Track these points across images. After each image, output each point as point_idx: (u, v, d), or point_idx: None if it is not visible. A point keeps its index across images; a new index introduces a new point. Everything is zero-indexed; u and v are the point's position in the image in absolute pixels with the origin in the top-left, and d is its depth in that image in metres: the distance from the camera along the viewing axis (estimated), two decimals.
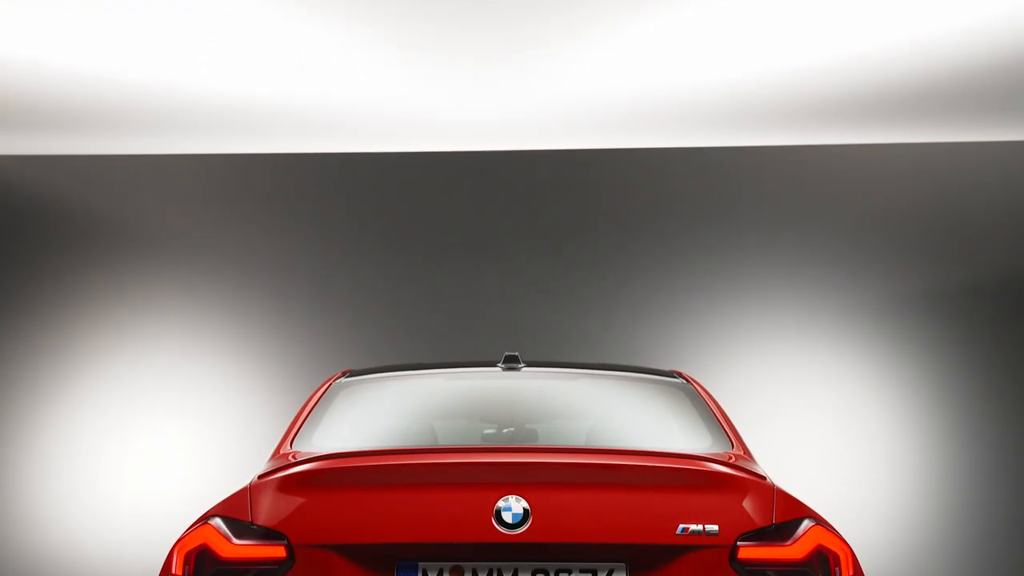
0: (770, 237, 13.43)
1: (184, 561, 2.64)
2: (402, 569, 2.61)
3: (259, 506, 2.69)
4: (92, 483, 12.33)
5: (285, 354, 12.92)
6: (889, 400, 12.92)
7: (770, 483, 2.83)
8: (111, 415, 12.68)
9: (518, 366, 3.89)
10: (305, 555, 2.60)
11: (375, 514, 2.62)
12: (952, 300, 13.07)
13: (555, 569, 2.62)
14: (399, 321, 13.14)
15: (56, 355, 12.85)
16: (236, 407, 12.84)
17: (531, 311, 13.13)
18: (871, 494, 12.53)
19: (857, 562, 2.73)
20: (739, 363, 13.00)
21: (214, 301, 13.20)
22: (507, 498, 2.61)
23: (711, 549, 2.61)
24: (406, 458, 2.81)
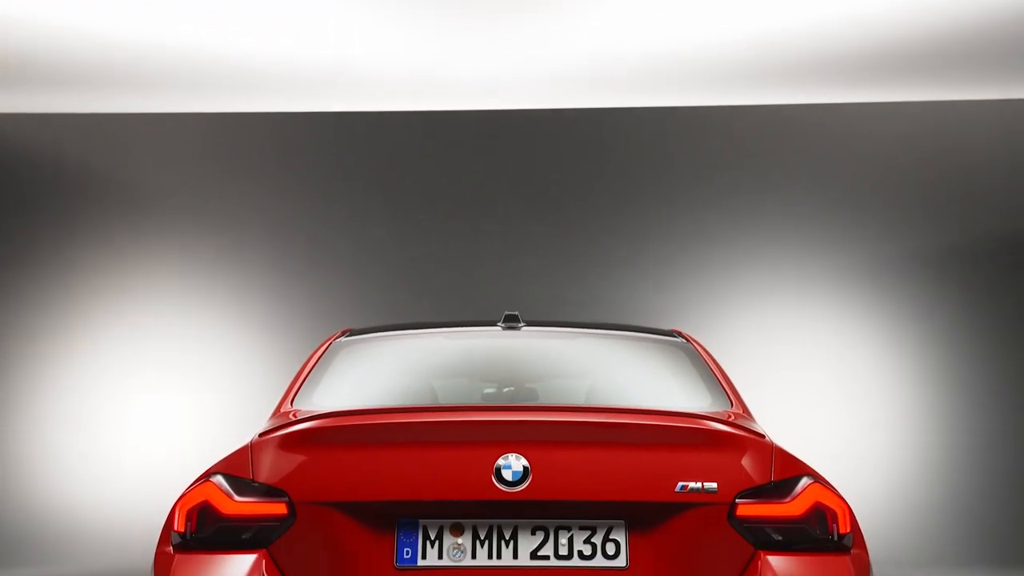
0: (769, 197, 13.40)
1: (186, 518, 2.66)
2: (403, 526, 2.63)
3: (260, 464, 2.70)
4: (93, 442, 12.40)
5: (285, 314, 12.94)
6: (887, 359, 12.96)
7: (769, 441, 2.84)
8: (111, 375, 12.72)
9: (518, 325, 3.90)
10: (306, 512, 2.61)
11: (376, 472, 2.63)
12: (951, 259, 13.08)
13: (555, 526, 2.64)
14: (399, 281, 13.15)
15: (55, 316, 12.87)
16: (236, 366, 12.88)
17: (531, 271, 13.13)
18: (869, 452, 12.60)
19: (855, 519, 2.75)
20: (738, 322, 13.02)
21: (214, 261, 13.20)
22: (507, 456, 2.62)
23: (710, 507, 2.63)
24: (407, 416, 2.82)
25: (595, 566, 2.60)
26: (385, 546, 2.61)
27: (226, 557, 2.60)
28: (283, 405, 3.36)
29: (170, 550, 2.67)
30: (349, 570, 2.59)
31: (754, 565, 2.60)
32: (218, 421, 12.40)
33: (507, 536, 2.62)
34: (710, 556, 2.60)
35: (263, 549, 2.60)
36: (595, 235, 13.31)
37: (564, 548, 2.62)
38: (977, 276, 12.96)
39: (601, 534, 2.63)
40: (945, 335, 12.96)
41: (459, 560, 2.60)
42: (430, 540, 2.62)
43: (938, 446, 12.72)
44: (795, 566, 2.59)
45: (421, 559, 2.60)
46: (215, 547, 2.62)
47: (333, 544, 2.60)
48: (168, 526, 2.73)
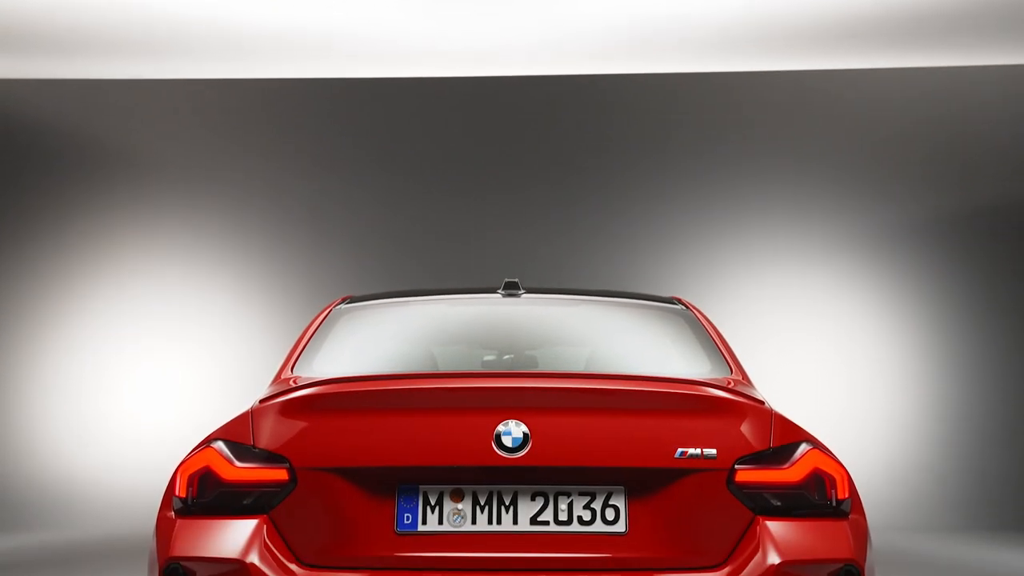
0: (770, 163, 13.37)
1: (187, 483, 2.67)
2: (403, 492, 2.64)
3: (261, 430, 2.71)
4: (94, 408, 12.44)
5: (285, 281, 12.95)
6: (887, 325, 12.98)
7: (768, 407, 2.85)
8: (112, 342, 12.74)
9: (518, 292, 3.89)
10: (307, 478, 2.62)
11: (376, 438, 2.64)
12: (951, 225, 13.06)
13: (554, 492, 2.65)
14: (399, 248, 13.15)
15: (56, 283, 12.88)
16: (236, 333, 12.90)
17: (531, 238, 13.12)
18: (868, 419, 12.65)
19: (853, 484, 2.76)
20: (738, 289, 13.03)
21: (214, 227, 13.19)
22: (507, 422, 2.62)
23: (709, 472, 2.63)
24: (407, 383, 2.82)
25: (594, 531, 2.62)
26: (386, 512, 2.62)
27: (227, 522, 2.61)
28: (283, 372, 3.36)
29: (172, 515, 2.68)
30: (350, 535, 2.60)
31: (753, 530, 2.61)
32: (218, 388, 12.43)
33: (507, 502, 2.63)
34: (709, 521, 2.61)
35: (264, 514, 2.61)
36: (595, 203, 13.29)
37: (564, 514, 2.63)
38: (977, 243, 12.95)
39: (600, 500, 2.64)
40: (945, 302, 12.98)
41: (459, 525, 2.62)
42: (430, 506, 2.63)
43: (936, 413, 12.77)
44: (794, 531, 2.60)
45: (421, 524, 2.62)
46: (216, 512, 2.63)
47: (334, 509, 2.61)
48: (170, 491, 2.74)
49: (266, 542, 2.57)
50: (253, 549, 2.55)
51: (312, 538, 2.60)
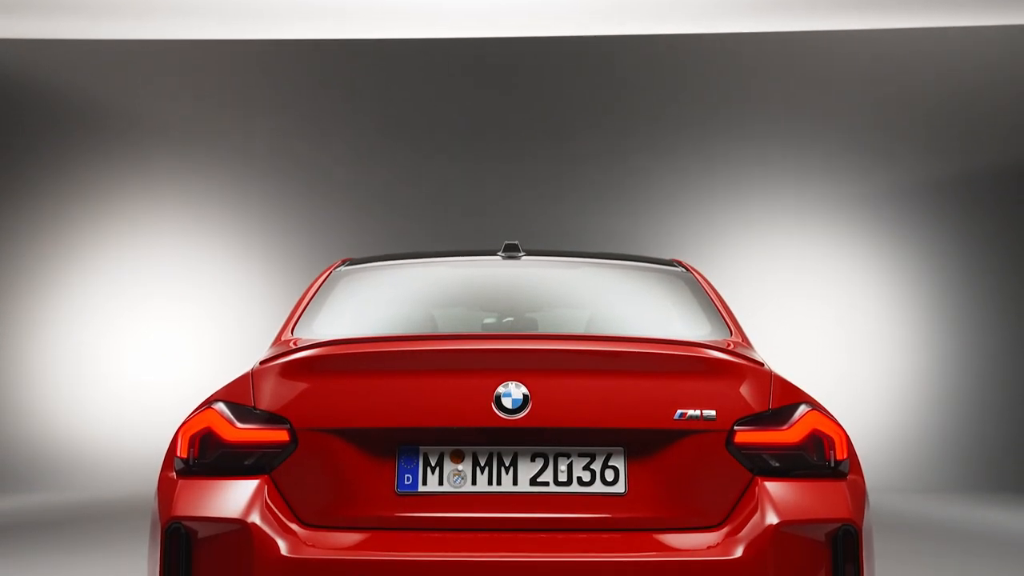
0: (770, 126, 13.31)
1: (189, 444, 2.68)
2: (403, 453, 2.65)
3: (261, 391, 2.71)
4: (95, 370, 12.47)
5: (284, 243, 12.94)
6: (886, 289, 12.99)
7: (767, 369, 2.85)
8: (112, 304, 12.75)
9: (518, 255, 3.88)
10: (308, 439, 2.63)
11: (377, 399, 2.65)
12: (951, 189, 13.03)
13: (554, 453, 2.66)
14: (398, 211, 13.13)
15: (56, 245, 12.86)
16: (236, 295, 12.91)
17: (531, 202, 13.10)
18: (867, 380, 12.69)
19: (851, 446, 2.77)
20: (738, 252, 13.02)
21: (214, 190, 13.16)
22: (507, 384, 2.63)
23: (708, 434, 2.64)
24: (407, 344, 2.82)
25: (594, 492, 2.63)
26: (386, 472, 2.63)
27: (228, 482, 2.62)
28: (283, 333, 3.36)
29: (173, 475, 2.69)
30: (351, 496, 2.61)
31: (751, 491, 2.62)
32: (218, 349, 12.47)
33: (507, 463, 2.65)
34: (708, 482, 2.63)
35: (265, 475, 2.63)
36: (595, 166, 13.26)
37: (563, 475, 2.64)
38: (977, 204, 12.94)
39: (600, 461, 2.65)
40: (944, 265, 12.98)
41: (459, 486, 2.63)
42: (431, 467, 2.64)
43: (935, 375, 12.81)
44: (792, 492, 2.62)
45: (422, 485, 2.63)
46: (218, 473, 2.64)
47: (335, 470, 2.62)
48: (171, 452, 2.75)
49: (267, 502, 2.58)
50: (254, 509, 2.56)
51: (313, 498, 2.61)
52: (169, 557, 2.58)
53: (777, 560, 2.52)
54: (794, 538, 2.56)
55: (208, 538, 2.57)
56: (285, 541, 2.53)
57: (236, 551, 2.52)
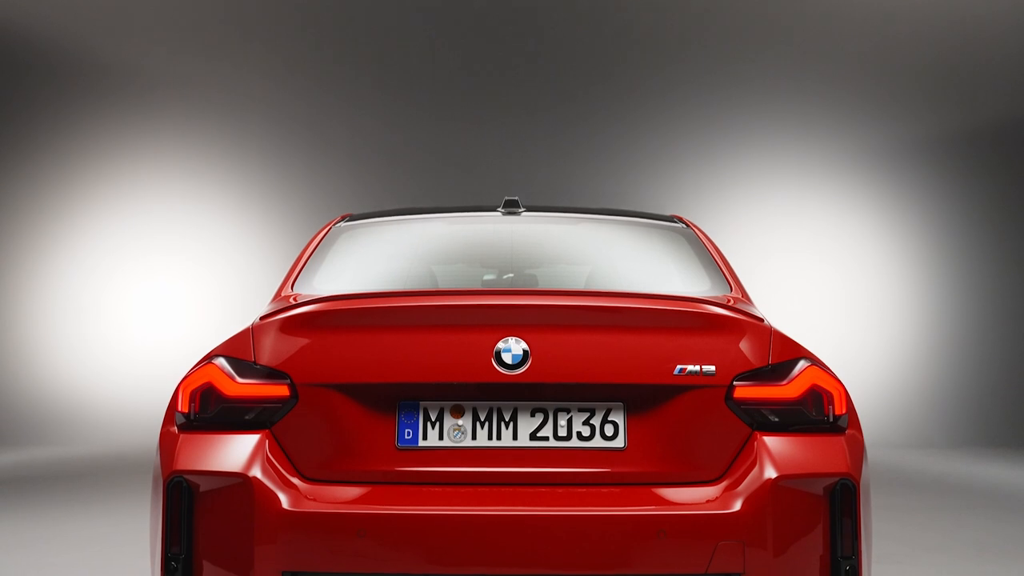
0: (771, 82, 13.22)
1: (189, 399, 2.68)
2: (404, 408, 2.66)
3: (262, 346, 2.71)
4: (96, 326, 12.48)
5: (285, 199, 12.90)
6: (886, 245, 12.97)
7: (767, 325, 2.85)
8: (112, 260, 12.74)
9: (518, 210, 3.87)
10: (308, 394, 2.64)
11: (377, 355, 2.65)
12: (954, 144, 12.98)
13: (554, 409, 2.67)
14: (398, 167, 13.07)
15: (56, 199, 12.82)
16: (236, 251, 12.89)
17: (531, 158, 13.04)
18: (867, 336, 12.71)
19: (850, 401, 2.77)
20: (739, 209, 12.99)
21: (213, 146, 13.10)
22: (507, 340, 2.63)
23: (707, 389, 2.65)
24: (407, 300, 2.81)
25: (593, 447, 2.64)
26: (386, 427, 2.64)
27: (229, 437, 2.63)
28: (283, 289, 3.36)
29: (174, 430, 2.70)
30: (351, 450, 2.62)
31: (750, 446, 2.63)
32: (219, 305, 12.48)
33: (507, 418, 2.65)
34: (708, 437, 2.64)
35: (266, 429, 2.64)
36: (596, 122, 13.19)
37: (563, 429, 2.65)
38: (979, 161, 12.89)
39: (600, 416, 2.66)
40: (945, 221, 12.96)
41: (459, 441, 2.64)
42: (431, 422, 2.65)
43: (935, 332, 12.83)
44: (790, 446, 2.63)
45: (422, 440, 2.64)
46: (218, 427, 2.65)
47: (335, 425, 2.63)
48: (172, 407, 2.76)
49: (268, 456, 2.59)
50: (255, 463, 2.58)
51: (314, 453, 2.62)
52: (171, 510, 2.59)
53: (775, 514, 2.53)
54: (792, 492, 2.57)
55: (210, 492, 2.58)
56: (286, 495, 2.54)
57: (237, 504, 2.54)
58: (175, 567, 2.57)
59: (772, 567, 2.50)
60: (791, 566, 2.54)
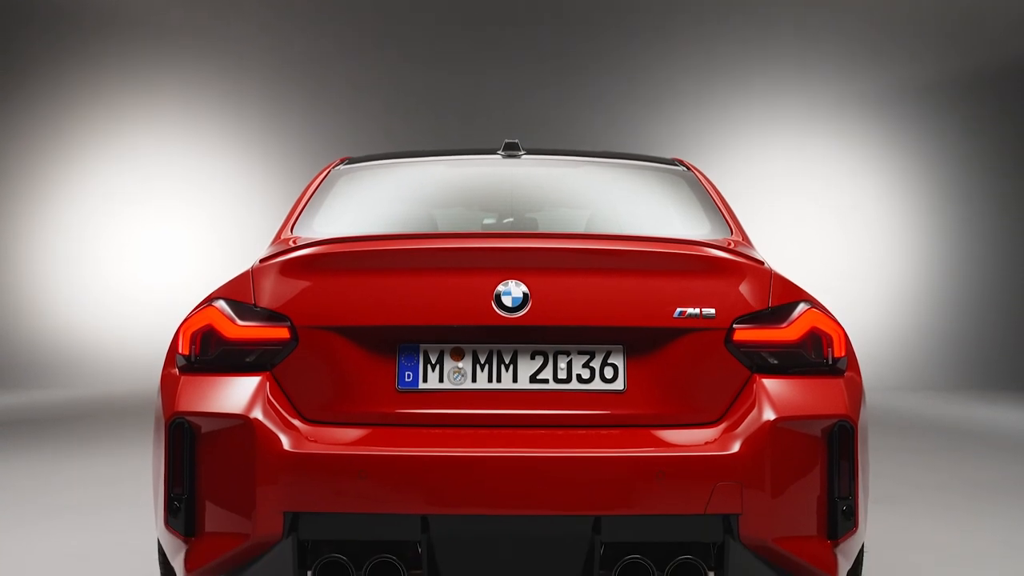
0: (773, 27, 13.09)
1: (190, 341, 2.69)
2: (404, 351, 2.66)
3: (262, 289, 2.71)
4: (95, 268, 12.48)
5: (283, 142, 12.83)
6: (886, 189, 12.92)
7: (767, 268, 2.84)
8: (111, 203, 12.70)
9: (518, 154, 3.85)
10: (308, 337, 2.64)
11: (377, 297, 2.65)
12: (955, 87, 12.89)
13: (553, 351, 2.67)
14: (397, 110, 12.98)
15: (55, 144, 12.76)
16: (235, 194, 12.85)
17: (532, 101, 12.95)
18: (867, 279, 12.72)
19: (849, 343, 2.78)
20: (739, 152, 12.93)
21: (212, 89, 13.00)
22: (507, 282, 2.63)
23: (707, 332, 2.65)
24: (407, 243, 2.81)
25: (593, 389, 2.65)
26: (387, 370, 2.65)
27: (230, 379, 2.64)
28: (283, 232, 3.35)
29: (175, 372, 2.71)
30: (352, 393, 2.63)
31: (749, 388, 2.64)
32: (217, 248, 12.47)
33: (507, 360, 2.66)
34: (707, 380, 2.65)
35: (266, 372, 2.64)
36: (596, 64, 13.08)
37: (563, 372, 2.66)
38: (980, 104, 12.81)
39: (600, 359, 2.67)
40: (945, 164, 12.91)
41: (459, 383, 2.65)
42: (431, 364, 2.66)
43: (934, 275, 12.84)
44: (789, 389, 2.64)
45: (422, 382, 2.65)
46: (219, 369, 2.66)
47: (336, 367, 2.64)
48: (173, 349, 2.76)
49: (269, 398, 2.60)
50: (256, 405, 2.59)
51: (314, 395, 2.63)
52: (173, 452, 2.61)
53: (774, 455, 2.55)
54: (790, 434, 2.58)
55: (211, 433, 2.59)
56: (287, 436, 2.55)
57: (239, 446, 2.55)
58: (178, 507, 2.59)
59: (769, 508, 2.52)
60: (788, 506, 2.56)
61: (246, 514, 2.52)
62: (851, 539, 2.64)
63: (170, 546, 2.67)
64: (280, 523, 2.50)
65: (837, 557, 2.63)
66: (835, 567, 2.62)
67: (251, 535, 2.52)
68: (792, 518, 2.57)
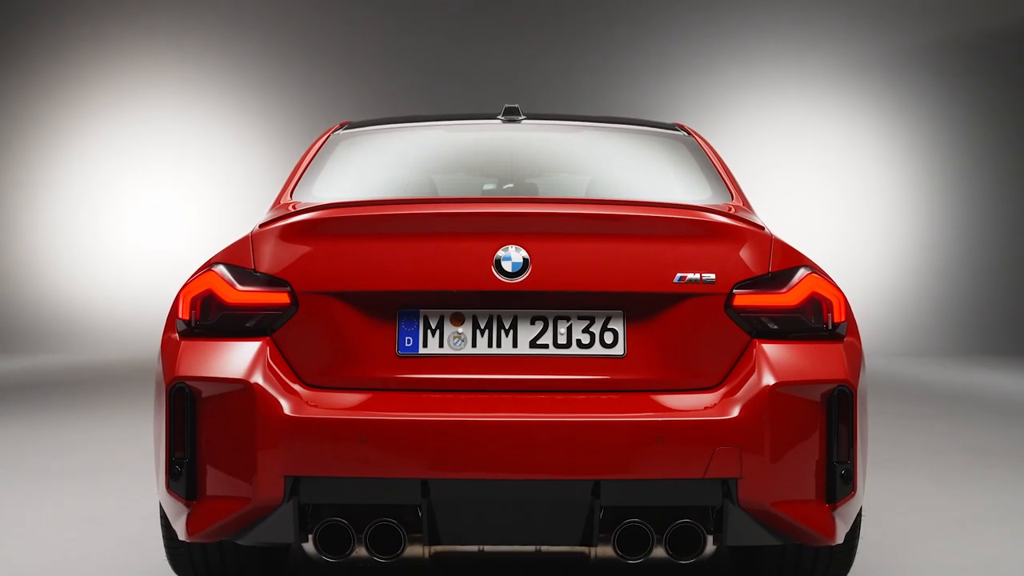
0: None
1: (190, 306, 2.69)
2: (404, 316, 2.67)
3: (261, 254, 2.71)
4: (95, 233, 12.47)
5: (282, 109, 12.78)
6: (887, 154, 12.89)
7: (768, 233, 2.84)
8: (110, 169, 12.67)
9: (518, 118, 3.84)
10: (308, 301, 2.64)
11: (377, 262, 2.65)
12: (955, 51, 12.82)
13: (553, 316, 2.68)
14: (397, 75, 12.91)
15: (54, 109, 12.71)
16: (234, 159, 12.81)
17: (532, 66, 12.88)
18: (867, 245, 12.71)
19: (849, 309, 2.78)
20: (740, 116, 12.88)
21: (211, 54, 12.93)
22: (507, 247, 2.63)
23: (707, 297, 2.65)
24: (408, 208, 2.80)
25: (593, 354, 2.65)
26: (387, 335, 2.65)
27: (231, 344, 2.64)
28: (282, 197, 3.34)
29: (176, 337, 2.72)
30: (352, 357, 2.64)
31: (749, 353, 2.65)
32: (216, 213, 12.46)
33: (507, 326, 2.66)
34: (707, 345, 2.65)
35: (267, 337, 2.64)
36: (598, 30, 13.00)
37: (563, 337, 2.66)
38: (979, 68, 12.75)
39: (599, 324, 2.67)
40: (945, 129, 12.86)
41: (459, 348, 2.65)
42: (431, 329, 2.66)
43: (934, 241, 12.83)
44: (789, 354, 2.64)
45: (422, 347, 2.65)
46: (219, 334, 2.66)
47: (336, 332, 2.64)
48: (173, 314, 2.76)
49: (269, 363, 2.61)
50: (257, 370, 2.59)
51: (315, 360, 2.63)
52: (174, 416, 2.62)
53: (773, 420, 2.55)
54: (790, 398, 2.59)
55: (212, 398, 2.60)
56: (288, 401, 2.56)
57: (239, 410, 2.56)
58: (179, 471, 2.60)
59: (768, 472, 2.53)
60: (787, 471, 2.57)
61: (247, 478, 2.54)
62: (849, 503, 2.65)
63: (172, 510, 2.69)
64: (281, 487, 2.51)
65: (835, 520, 2.64)
66: (833, 530, 2.64)
67: (252, 499, 2.53)
68: (791, 482, 2.58)
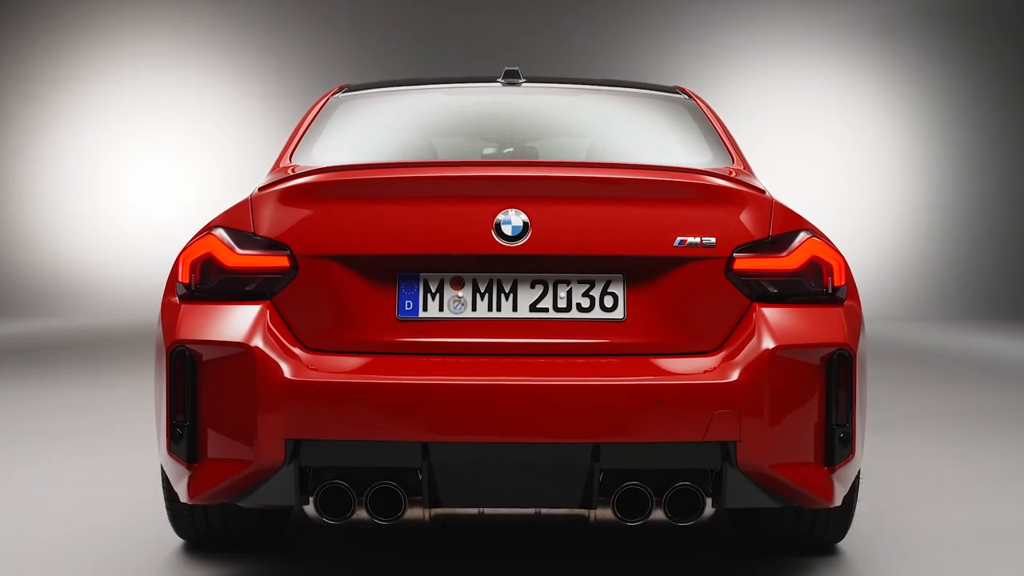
0: None
1: (190, 270, 2.69)
2: (403, 280, 2.67)
3: (261, 217, 2.70)
4: (94, 198, 12.44)
5: (281, 72, 12.71)
6: (888, 118, 12.84)
7: (768, 197, 2.83)
8: (109, 133, 12.62)
9: (518, 81, 3.82)
10: (308, 265, 2.64)
11: (377, 226, 2.64)
12: (955, 14, 12.73)
13: (553, 280, 2.67)
14: (396, 38, 12.83)
15: (52, 75, 12.64)
16: (233, 123, 12.77)
17: (532, 28, 12.81)
18: (868, 209, 12.69)
19: (850, 272, 2.78)
20: (740, 79, 12.82)
21: (208, 15, 12.85)
22: (507, 211, 2.62)
23: (707, 260, 2.65)
24: (408, 171, 2.80)
25: (593, 318, 2.66)
26: (387, 298, 2.65)
27: (231, 307, 2.64)
28: (282, 160, 3.33)
29: (176, 300, 2.72)
30: (352, 321, 2.64)
31: (749, 316, 2.65)
32: (215, 177, 12.43)
33: (507, 289, 2.66)
34: (707, 308, 2.65)
35: (267, 300, 2.64)
36: None
37: (563, 301, 2.66)
38: (981, 31, 12.67)
39: (599, 287, 2.67)
40: (946, 94, 12.81)
41: (459, 312, 2.65)
42: (431, 293, 2.66)
43: (934, 205, 12.82)
44: (789, 317, 2.64)
45: (422, 311, 2.65)
46: (219, 298, 2.66)
47: (336, 296, 2.64)
48: (172, 278, 2.76)
49: (269, 326, 2.61)
50: (257, 333, 2.59)
51: (315, 323, 2.63)
52: (175, 379, 2.62)
53: (772, 383, 2.56)
54: (789, 362, 2.59)
55: (212, 361, 2.60)
56: (288, 364, 2.56)
57: (240, 374, 2.56)
58: (180, 434, 2.61)
59: (767, 435, 2.54)
60: (786, 434, 2.58)
61: (248, 441, 2.54)
62: (848, 466, 2.66)
63: (173, 472, 2.70)
64: (282, 450, 2.52)
65: (834, 483, 2.65)
66: (832, 493, 2.65)
67: (253, 462, 2.54)
68: (790, 445, 2.59)
